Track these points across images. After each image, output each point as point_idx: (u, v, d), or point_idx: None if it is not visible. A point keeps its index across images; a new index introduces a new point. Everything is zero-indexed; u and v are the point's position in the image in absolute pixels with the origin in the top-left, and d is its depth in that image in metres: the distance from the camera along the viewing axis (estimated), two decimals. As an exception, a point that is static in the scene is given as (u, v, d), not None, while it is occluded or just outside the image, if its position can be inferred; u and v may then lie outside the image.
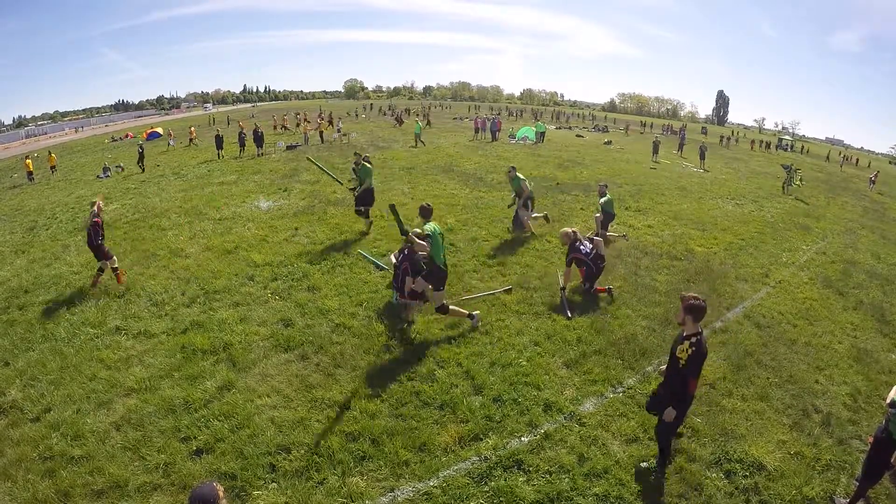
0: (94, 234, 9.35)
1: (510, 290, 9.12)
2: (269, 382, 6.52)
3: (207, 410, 5.96)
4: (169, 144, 37.06)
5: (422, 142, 31.23)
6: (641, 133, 60.92)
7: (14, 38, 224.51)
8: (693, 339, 4.58)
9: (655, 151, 32.56)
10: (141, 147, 26.69)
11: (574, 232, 9.07)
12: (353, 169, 13.01)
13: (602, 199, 12.43)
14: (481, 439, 5.55)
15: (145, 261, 11.03)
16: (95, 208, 9.57)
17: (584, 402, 6.24)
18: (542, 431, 5.69)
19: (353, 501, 4.78)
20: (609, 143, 42.09)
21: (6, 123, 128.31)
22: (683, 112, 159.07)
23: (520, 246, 11.69)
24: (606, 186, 12.95)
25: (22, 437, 5.65)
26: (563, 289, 8.93)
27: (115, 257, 9.75)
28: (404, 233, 7.44)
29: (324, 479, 5.00)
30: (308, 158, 14.52)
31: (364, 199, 12.47)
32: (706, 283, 10.26)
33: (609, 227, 12.90)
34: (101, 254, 9.49)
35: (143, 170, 25.34)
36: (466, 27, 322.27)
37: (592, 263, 8.92)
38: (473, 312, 7.91)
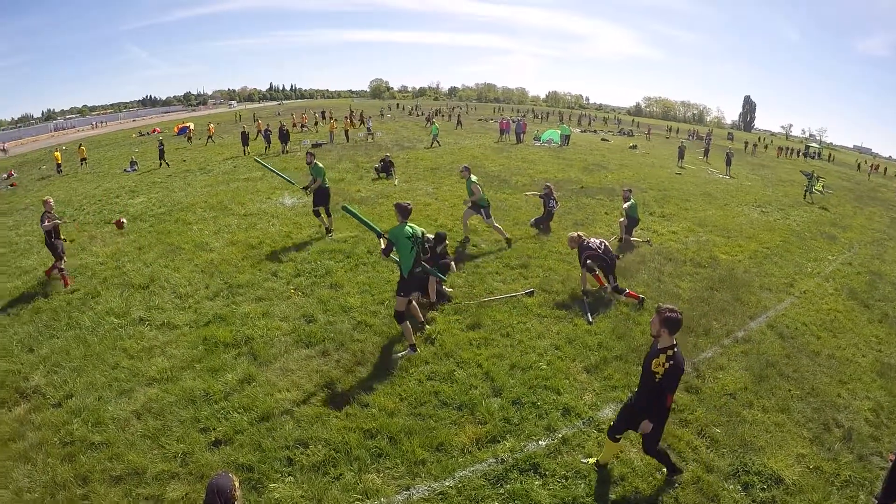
0: (54, 233, 9.50)
1: (532, 292, 9.07)
2: (290, 377, 6.58)
3: (227, 402, 6.04)
4: (188, 140, 37.77)
5: (438, 142, 31.32)
6: (667, 138, 60.19)
7: (43, 33, 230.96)
8: (669, 353, 4.50)
9: (681, 157, 32.14)
10: (161, 144, 27.17)
11: (579, 235, 9.05)
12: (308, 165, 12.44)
13: (626, 204, 12.35)
14: (499, 441, 5.53)
15: (170, 254, 11.23)
16: (48, 207, 9.65)
17: (603, 407, 6.18)
18: (560, 436, 5.64)
19: (368, 498, 4.80)
20: (634, 147, 41.58)
21: (35, 116, 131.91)
22: (710, 117, 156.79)
23: (542, 249, 11.62)
24: (631, 191, 12.85)
25: (43, 422, 5.80)
26: (585, 293, 8.88)
27: (64, 259, 9.81)
28: (379, 234, 7.05)
29: (340, 474, 5.03)
30: (255, 160, 14.31)
31: (319, 199, 12.13)
32: (730, 291, 10.09)
33: (633, 233, 12.81)
34: (56, 253, 9.59)
35: (168, 165, 25.76)
36: (482, 27, 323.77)
37: (605, 255, 8.83)
38: (415, 347, 7.15)
